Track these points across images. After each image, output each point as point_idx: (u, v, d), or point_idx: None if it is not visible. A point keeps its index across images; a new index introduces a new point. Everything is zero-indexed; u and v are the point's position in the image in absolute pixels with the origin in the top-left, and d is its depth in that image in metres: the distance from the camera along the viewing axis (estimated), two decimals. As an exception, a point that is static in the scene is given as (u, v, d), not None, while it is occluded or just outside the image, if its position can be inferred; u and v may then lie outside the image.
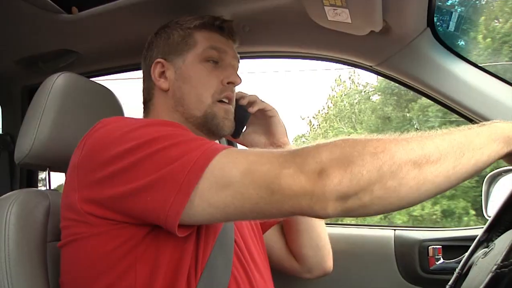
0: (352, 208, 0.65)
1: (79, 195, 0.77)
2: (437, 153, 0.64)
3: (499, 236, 0.80)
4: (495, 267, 0.58)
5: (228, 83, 0.99)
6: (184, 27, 1.01)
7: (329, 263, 1.12)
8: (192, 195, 0.67)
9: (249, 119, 1.08)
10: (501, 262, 0.58)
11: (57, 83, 1.01)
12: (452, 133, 0.68)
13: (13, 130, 1.68)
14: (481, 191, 1.28)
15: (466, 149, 0.66)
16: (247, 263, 0.91)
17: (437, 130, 0.69)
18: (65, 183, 0.83)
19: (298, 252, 1.11)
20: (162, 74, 1.00)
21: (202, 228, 0.80)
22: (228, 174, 0.67)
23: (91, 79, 1.15)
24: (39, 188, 1.80)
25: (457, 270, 0.86)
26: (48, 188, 1.06)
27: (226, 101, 0.99)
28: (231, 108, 1.00)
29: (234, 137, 1.07)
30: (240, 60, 1.06)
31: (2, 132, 1.71)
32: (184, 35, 1.00)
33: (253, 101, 1.06)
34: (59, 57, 1.42)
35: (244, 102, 1.05)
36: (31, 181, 1.70)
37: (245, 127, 1.08)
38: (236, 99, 1.03)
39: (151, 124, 0.79)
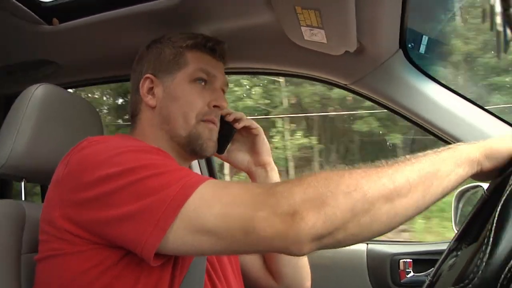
0: (327, 245, 0.66)
1: (60, 213, 0.76)
2: (408, 185, 0.66)
3: (467, 245, 0.83)
4: (452, 284, 0.61)
5: (214, 106, 0.99)
6: (176, 45, 1.00)
7: (307, 283, 1.11)
8: (168, 231, 0.68)
9: (233, 136, 1.07)
10: (456, 283, 0.60)
11: (36, 94, 1.00)
12: (420, 162, 0.69)
13: (-12, 139, 1.66)
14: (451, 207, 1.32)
15: (434, 178, 0.68)
16: (219, 281, 0.92)
17: (406, 157, 0.70)
18: (46, 196, 0.83)
19: (277, 270, 1.09)
20: (151, 90, 0.99)
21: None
22: (203, 217, 0.68)
23: (69, 89, 1.16)
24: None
25: (428, 278, 0.88)
26: (23, 199, 1.05)
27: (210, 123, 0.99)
28: (216, 128, 1.00)
29: (219, 153, 1.06)
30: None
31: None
32: (176, 54, 1.00)
33: (239, 118, 1.06)
34: (38, 67, 1.42)
35: (230, 118, 1.04)
36: (5, 192, 1.67)
37: (229, 144, 1.08)
38: (222, 115, 1.03)
39: (136, 150, 0.79)
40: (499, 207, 0.59)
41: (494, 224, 0.57)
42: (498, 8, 0.50)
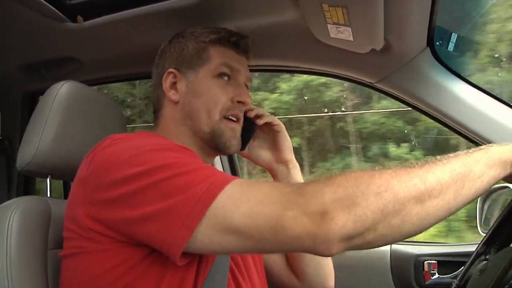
0: (356, 246, 0.65)
1: (84, 211, 0.77)
2: (439, 186, 0.65)
3: (496, 249, 0.81)
4: (495, 281, 0.60)
5: (238, 101, 0.98)
6: (199, 40, 1.00)
7: (331, 282, 1.10)
8: (195, 231, 0.68)
9: (255, 132, 1.07)
10: (500, 277, 0.59)
11: (61, 92, 1.01)
12: (451, 162, 0.68)
13: (12, 135, 1.69)
14: (476, 208, 1.30)
15: (466, 179, 0.66)
16: (243, 279, 0.91)
17: (437, 158, 0.69)
18: (70, 194, 0.83)
19: (299, 269, 1.09)
20: (173, 85, 0.99)
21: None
22: (230, 216, 0.67)
23: (92, 86, 1.17)
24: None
25: (455, 282, 0.87)
26: (49, 195, 1.07)
27: (234, 119, 0.98)
28: (239, 127, 1.00)
29: (240, 149, 1.06)
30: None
31: (1, 136, 1.71)
32: (199, 49, 0.99)
33: (261, 114, 1.05)
34: (62, 64, 1.44)
35: (251, 114, 1.04)
36: (29, 188, 1.70)
37: (251, 140, 1.08)
38: (244, 111, 1.02)
39: (160, 148, 0.78)
40: None
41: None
42: None
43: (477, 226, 1.29)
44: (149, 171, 0.72)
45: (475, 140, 1.15)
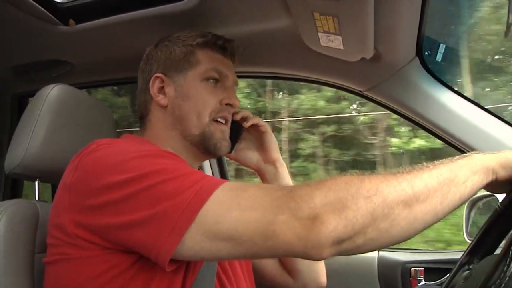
0: (346, 250, 0.66)
1: (70, 218, 0.76)
2: (426, 191, 0.66)
3: (479, 259, 0.83)
4: (480, 285, 0.61)
5: (226, 104, 0.99)
6: (186, 43, 1.00)
7: (323, 278, 1.11)
8: (184, 237, 0.67)
9: (242, 134, 1.08)
10: (485, 281, 0.60)
11: (52, 94, 1.01)
12: (438, 168, 0.69)
13: (0, 138, 1.67)
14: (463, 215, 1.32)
15: (451, 184, 0.68)
16: (230, 284, 0.91)
17: (423, 164, 0.70)
18: (54, 200, 0.82)
19: (292, 267, 1.10)
20: (161, 89, 0.99)
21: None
22: (221, 222, 0.67)
23: (82, 90, 1.16)
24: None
25: None
26: (37, 199, 1.06)
27: (223, 121, 0.99)
28: (228, 129, 1.01)
29: (227, 152, 1.07)
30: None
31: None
32: (186, 52, 0.99)
33: (246, 116, 1.06)
34: (53, 67, 1.43)
35: (237, 117, 1.05)
36: (16, 191, 1.68)
37: (238, 142, 1.09)
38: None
39: (147, 155, 0.78)
40: None
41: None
42: None
43: (463, 234, 1.31)
44: (137, 177, 0.71)
45: (461, 148, 1.17)
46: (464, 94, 1.18)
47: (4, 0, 1.12)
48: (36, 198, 1.06)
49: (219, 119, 0.99)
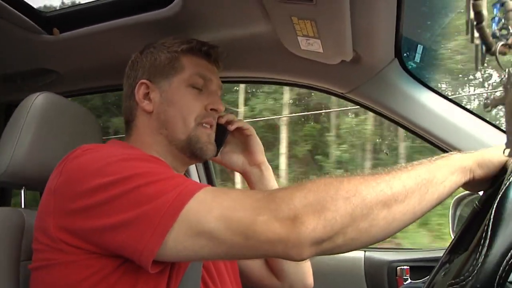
0: (326, 250, 0.67)
1: (54, 222, 0.77)
2: (404, 192, 0.68)
3: (457, 258, 0.84)
4: (448, 283, 0.62)
5: (211, 109, 1.00)
6: (171, 50, 1.01)
7: (310, 279, 1.12)
8: (166, 237, 0.68)
9: (227, 138, 1.09)
10: (453, 279, 0.61)
11: (37, 103, 1.01)
12: (416, 169, 0.71)
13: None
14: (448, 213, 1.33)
15: (429, 184, 0.69)
16: (215, 286, 0.92)
17: (402, 165, 0.72)
18: (40, 204, 0.83)
19: (279, 268, 1.10)
20: (147, 95, 0.99)
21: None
22: (203, 221, 0.68)
23: (69, 98, 1.17)
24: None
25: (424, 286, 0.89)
26: (23, 206, 1.06)
27: (208, 126, 1.00)
28: (213, 133, 1.02)
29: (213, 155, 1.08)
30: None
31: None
32: (171, 58, 1.00)
33: (231, 120, 1.08)
34: (38, 76, 1.43)
35: (223, 120, 1.06)
36: (4, 199, 1.68)
37: (223, 146, 1.10)
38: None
39: (130, 158, 0.79)
40: (493, 209, 0.60)
41: (490, 226, 0.59)
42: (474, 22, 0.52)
43: (449, 231, 1.33)
44: (120, 180, 0.72)
45: (441, 147, 1.19)
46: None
47: (-12, 10, 1.13)
48: (23, 206, 1.06)
49: (204, 124, 1.00)
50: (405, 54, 1.18)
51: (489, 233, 0.59)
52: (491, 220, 0.59)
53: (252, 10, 1.05)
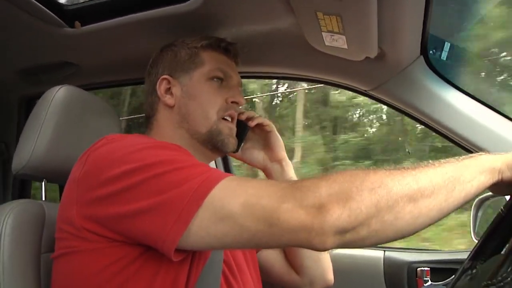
0: (350, 241, 0.66)
1: (77, 210, 0.77)
2: (431, 187, 0.66)
3: (482, 263, 0.82)
4: (483, 284, 0.60)
5: (232, 102, 1.01)
6: (190, 46, 1.03)
7: (330, 275, 1.12)
8: (190, 223, 0.68)
9: (247, 134, 1.10)
10: (489, 280, 0.60)
11: (58, 96, 1.02)
12: (443, 166, 0.70)
13: (8, 139, 1.69)
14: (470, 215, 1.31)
15: (457, 182, 0.68)
16: (236, 282, 0.92)
17: (429, 161, 0.71)
18: (63, 195, 0.83)
19: (299, 264, 1.11)
20: (168, 90, 1.01)
21: (196, 251, 0.81)
22: (227, 206, 0.68)
23: (89, 91, 1.17)
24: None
25: None
26: (43, 199, 1.07)
27: (229, 119, 1.01)
28: (234, 126, 1.03)
29: (233, 152, 1.08)
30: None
31: (-3, 140, 1.72)
32: (191, 54, 1.02)
33: (251, 116, 1.09)
34: (59, 69, 1.44)
35: (243, 117, 1.07)
36: (24, 191, 1.70)
37: (243, 142, 1.10)
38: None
39: (154, 146, 0.80)
40: None
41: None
42: None
43: (471, 233, 1.30)
44: (143, 167, 0.73)
45: (467, 147, 1.16)
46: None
47: (11, 3, 1.13)
48: (43, 199, 1.07)
49: (226, 117, 1.01)
50: (431, 52, 1.15)
51: None
52: None
53: (275, 5, 1.03)
